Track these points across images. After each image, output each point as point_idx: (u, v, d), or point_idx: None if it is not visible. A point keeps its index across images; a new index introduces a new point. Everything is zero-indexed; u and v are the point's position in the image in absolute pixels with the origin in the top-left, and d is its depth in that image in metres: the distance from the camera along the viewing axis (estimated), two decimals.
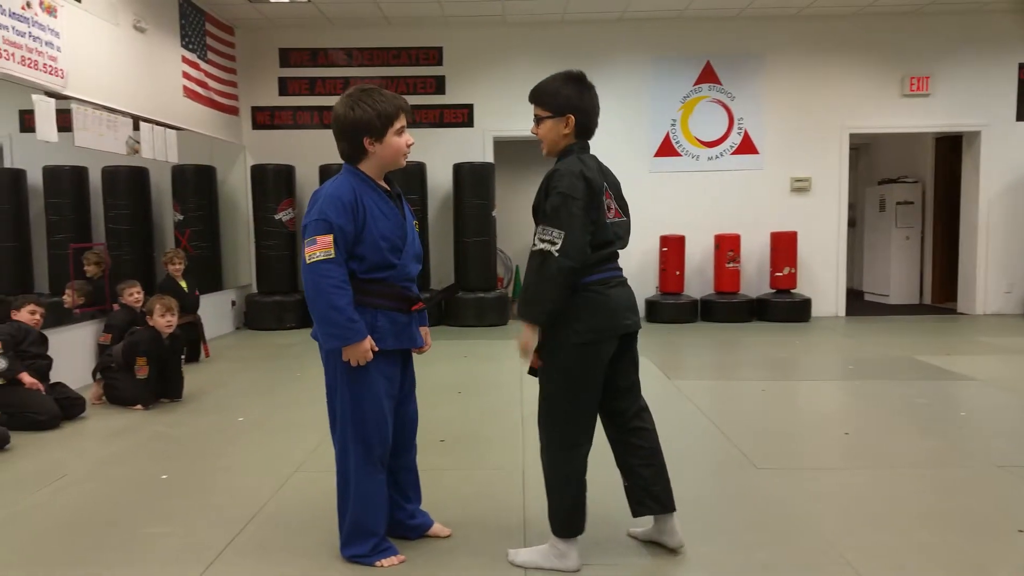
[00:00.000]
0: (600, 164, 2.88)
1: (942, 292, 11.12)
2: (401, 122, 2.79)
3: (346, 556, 2.92)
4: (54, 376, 5.31)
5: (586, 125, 2.85)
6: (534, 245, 2.68)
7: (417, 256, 2.93)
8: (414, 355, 3.12)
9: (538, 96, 2.90)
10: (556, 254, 2.61)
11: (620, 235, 2.87)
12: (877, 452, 4.30)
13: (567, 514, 2.83)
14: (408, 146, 2.84)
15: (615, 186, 2.92)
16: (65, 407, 5.10)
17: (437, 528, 3.17)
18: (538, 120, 2.89)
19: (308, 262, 2.66)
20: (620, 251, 2.91)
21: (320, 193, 2.75)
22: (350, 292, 2.69)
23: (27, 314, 5.17)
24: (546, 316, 2.69)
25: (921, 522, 3.28)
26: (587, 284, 2.74)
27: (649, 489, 2.92)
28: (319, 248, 2.64)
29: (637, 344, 2.98)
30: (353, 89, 2.81)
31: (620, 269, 2.89)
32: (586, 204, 2.67)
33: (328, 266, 2.64)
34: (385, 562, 2.88)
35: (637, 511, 2.97)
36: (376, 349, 2.75)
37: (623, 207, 2.93)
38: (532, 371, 2.89)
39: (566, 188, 2.66)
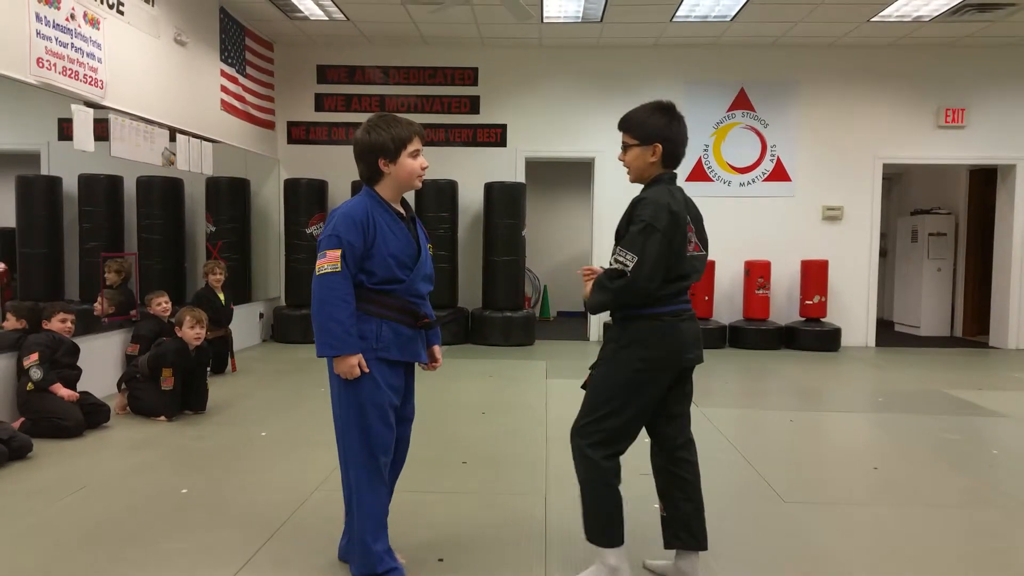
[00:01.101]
0: (686, 197, 2.91)
1: (974, 325, 10.94)
2: (415, 145, 2.88)
3: (356, 574, 2.90)
4: (81, 385, 5.35)
5: (673, 154, 2.89)
6: (611, 264, 2.75)
7: (427, 277, 2.98)
8: (430, 371, 3.16)
9: (627, 124, 2.95)
10: (628, 275, 2.67)
11: (698, 268, 2.89)
12: (907, 488, 4.22)
13: (604, 522, 2.82)
14: (423, 168, 2.92)
15: (698, 220, 2.93)
16: (89, 414, 5.13)
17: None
18: (625, 147, 2.93)
19: (317, 274, 2.79)
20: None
21: (336, 212, 2.87)
22: (353, 306, 2.77)
23: (58, 323, 5.21)
24: (595, 310, 2.82)
25: (952, 564, 3.21)
26: (661, 314, 2.78)
27: (688, 524, 2.91)
28: (328, 261, 2.76)
29: (692, 375, 2.97)
30: (372, 116, 2.92)
31: (690, 302, 2.91)
32: (666, 236, 2.69)
33: (334, 278, 2.74)
34: None
35: (671, 543, 2.94)
36: (367, 370, 2.78)
37: (703, 241, 2.94)
38: (585, 386, 2.91)
39: (649, 217, 2.70)
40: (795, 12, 8.55)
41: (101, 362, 6.14)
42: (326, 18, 8.96)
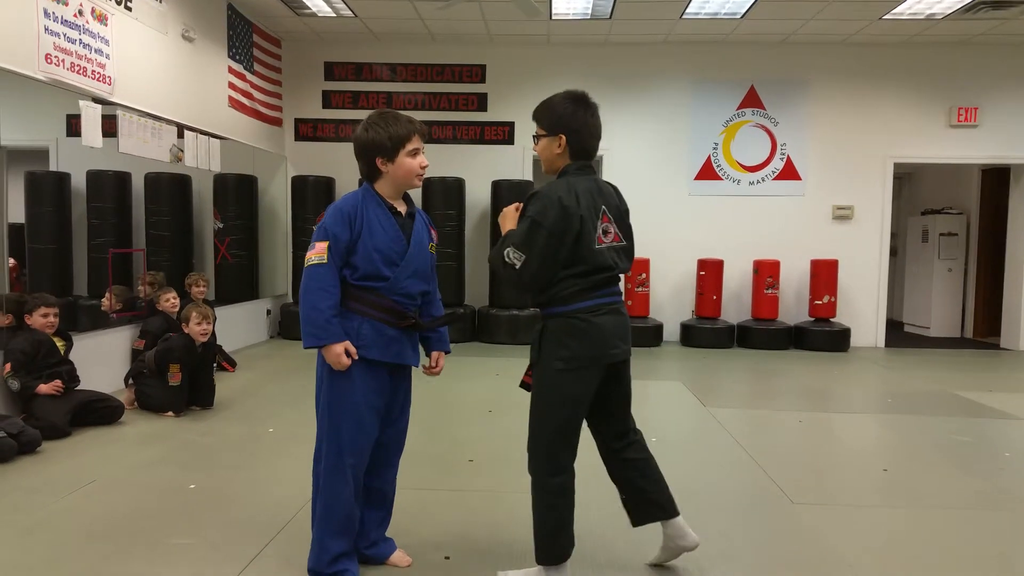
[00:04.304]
0: (601, 186, 2.83)
1: (985, 326, 10.87)
2: (414, 144, 2.85)
3: (308, 568, 2.89)
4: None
5: (580, 146, 2.81)
6: (505, 255, 2.70)
7: (418, 273, 2.91)
8: (431, 375, 3.12)
9: (536, 113, 2.90)
10: (516, 270, 2.67)
11: (617, 261, 2.81)
12: (917, 490, 4.18)
13: (548, 539, 2.78)
14: (422, 167, 2.89)
15: (617, 209, 2.85)
16: (105, 416, 5.13)
17: (398, 556, 3.10)
18: (536, 138, 2.89)
19: (305, 265, 2.79)
20: (622, 275, 2.86)
21: (330, 206, 2.87)
22: (336, 297, 2.76)
23: (39, 318, 5.08)
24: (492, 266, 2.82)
25: (962, 567, 3.17)
26: (574, 312, 2.71)
27: (649, 496, 2.90)
28: (315, 253, 2.77)
29: (629, 370, 2.92)
30: (372, 113, 2.91)
31: (617, 295, 2.83)
32: (554, 232, 2.65)
33: (320, 270, 2.74)
34: None
35: (639, 520, 2.94)
36: (356, 357, 2.76)
37: (625, 231, 2.87)
38: (524, 385, 2.88)
39: (535, 213, 2.67)
40: (806, 10, 8.50)
41: (110, 358, 6.14)
42: (334, 15, 8.94)
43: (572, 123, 2.78)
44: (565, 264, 2.70)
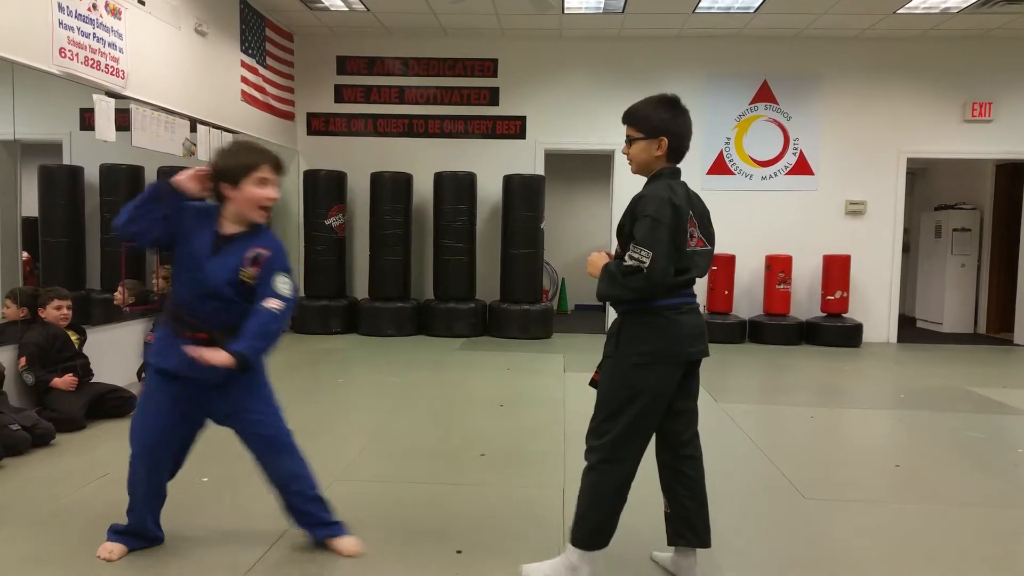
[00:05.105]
0: (688, 191, 2.86)
1: (998, 322, 10.81)
2: (262, 173, 2.92)
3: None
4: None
5: (678, 148, 2.86)
6: (625, 262, 2.69)
7: (204, 296, 2.91)
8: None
9: (632, 117, 2.93)
10: (644, 271, 2.63)
11: (699, 264, 2.83)
12: (930, 487, 4.17)
13: (593, 528, 2.79)
14: (269, 199, 2.98)
15: (701, 214, 2.88)
16: (118, 408, 5.15)
17: (344, 543, 3.15)
18: (630, 141, 2.91)
19: None
20: (700, 278, 2.88)
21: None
22: (129, 213, 2.88)
23: (52, 310, 5.13)
24: (605, 299, 2.80)
25: (975, 565, 3.16)
26: (658, 308, 2.73)
27: (690, 520, 2.87)
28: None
29: (699, 370, 2.92)
30: (230, 142, 3.01)
31: (694, 296, 2.85)
32: (672, 229, 2.67)
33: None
34: (101, 548, 3.05)
35: (674, 540, 2.92)
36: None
37: (708, 236, 2.90)
38: (593, 383, 2.88)
39: (654, 212, 2.67)
40: (819, 4, 8.45)
41: (122, 351, 6.18)
42: (346, 8, 8.95)
43: (673, 126, 2.84)
44: None
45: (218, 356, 2.75)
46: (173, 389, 2.94)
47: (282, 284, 2.96)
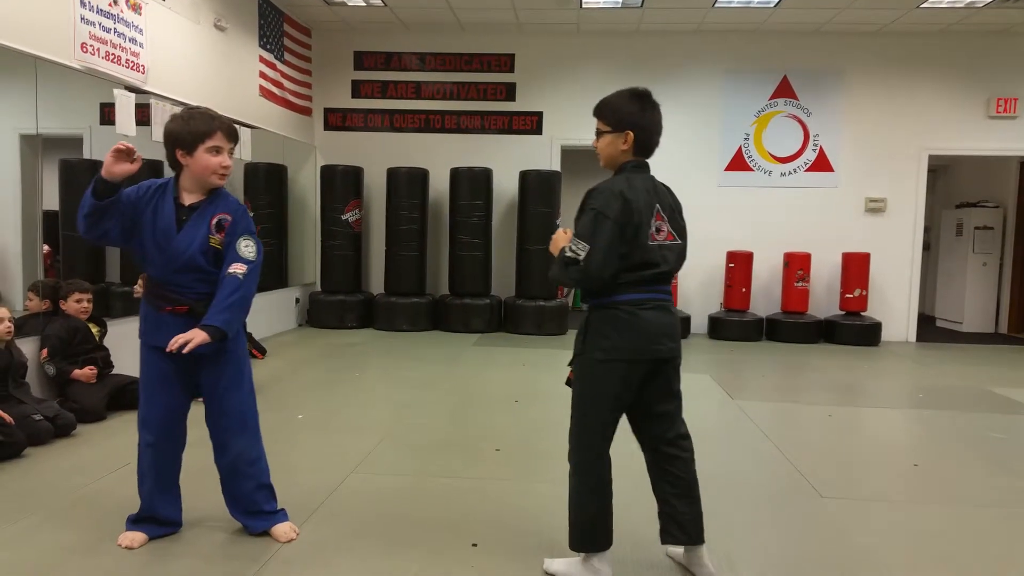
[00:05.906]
0: (656, 185, 2.83)
1: (1020, 322, 10.69)
2: (215, 141, 2.94)
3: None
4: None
5: (645, 143, 2.82)
6: (565, 252, 2.71)
7: (179, 270, 2.97)
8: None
9: (600, 110, 2.90)
10: (581, 264, 2.64)
11: (669, 258, 2.79)
12: (949, 487, 4.13)
13: (585, 530, 2.80)
14: (223, 167, 2.96)
15: (670, 208, 2.85)
16: (138, 399, 5.17)
17: (282, 530, 3.19)
18: (599, 134, 2.89)
19: None
20: (672, 273, 2.84)
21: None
22: (83, 221, 2.89)
23: (73, 303, 5.17)
24: (554, 282, 2.85)
25: (993, 567, 3.13)
26: (619, 303, 2.72)
27: (677, 518, 2.86)
28: None
29: (677, 370, 2.89)
30: (183, 108, 3.01)
31: (665, 293, 2.81)
32: (618, 223, 2.64)
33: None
34: (122, 537, 3.07)
35: (664, 538, 2.92)
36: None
37: (679, 230, 2.85)
38: (569, 382, 2.87)
39: (599, 205, 2.67)
40: None
41: None
42: (364, 4, 8.95)
43: (640, 120, 2.80)
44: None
45: (197, 337, 2.82)
46: (169, 366, 3.02)
47: (245, 248, 3.00)
